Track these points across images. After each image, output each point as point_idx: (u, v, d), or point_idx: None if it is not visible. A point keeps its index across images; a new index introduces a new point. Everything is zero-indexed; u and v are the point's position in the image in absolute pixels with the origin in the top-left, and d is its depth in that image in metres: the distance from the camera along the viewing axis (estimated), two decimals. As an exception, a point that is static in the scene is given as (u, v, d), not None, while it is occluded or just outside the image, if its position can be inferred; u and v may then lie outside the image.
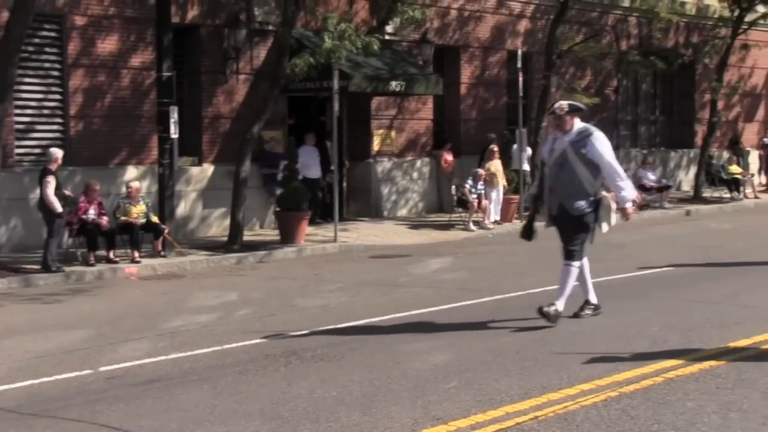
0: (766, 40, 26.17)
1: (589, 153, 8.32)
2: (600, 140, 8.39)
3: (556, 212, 8.58)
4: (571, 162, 8.39)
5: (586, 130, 8.48)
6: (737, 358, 7.04)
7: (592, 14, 22.99)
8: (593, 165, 8.35)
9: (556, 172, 8.51)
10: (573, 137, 8.44)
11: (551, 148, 8.65)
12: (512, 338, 8.03)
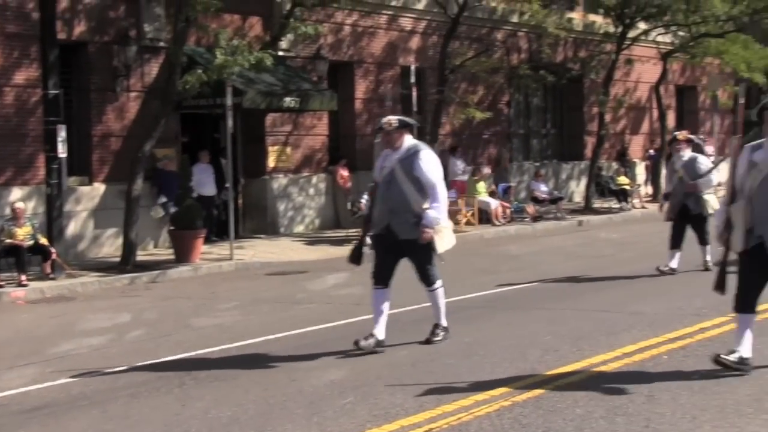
0: (648, 55, 27.13)
1: (416, 171, 7.94)
2: (427, 158, 8.02)
3: (385, 234, 8.11)
4: (399, 180, 7.98)
5: (414, 147, 8.10)
6: (624, 364, 7.25)
7: (482, 30, 23.43)
8: (421, 184, 7.98)
9: (385, 191, 8.08)
10: (402, 154, 8.04)
11: (381, 165, 8.23)
12: (408, 351, 8.08)
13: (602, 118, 24.38)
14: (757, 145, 6.78)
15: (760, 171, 6.61)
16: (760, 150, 6.72)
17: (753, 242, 6.65)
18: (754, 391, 6.34)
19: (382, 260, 8.19)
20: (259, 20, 18.78)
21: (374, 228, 8.21)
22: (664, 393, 6.37)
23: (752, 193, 6.64)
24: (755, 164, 6.67)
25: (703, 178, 11.88)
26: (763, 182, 6.59)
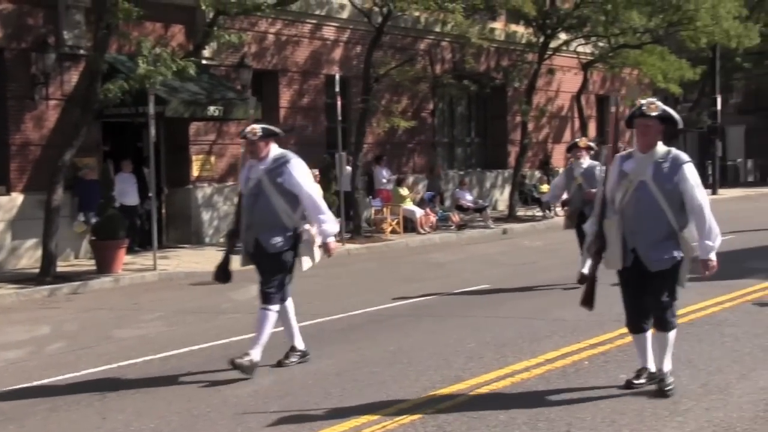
0: (569, 65, 27.64)
1: (285, 182, 7.48)
2: (298, 168, 7.58)
3: (253, 249, 7.69)
4: (267, 192, 7.52)
5: (283, 156, 7.66)
6: (547, 370, 7.36)
7: (406, 40, 23.59)
8: (291, 195, 7.52)
9: (252, 204, 7.61)
10: (269, 165, 7.58)
11: (247, 177, 7.74)
12: (333, 360, 8.07)
13: (525, 126, 24.74)
14: (627, 154, 6.58)
15: (630, 182, 6.38)
16: (630, 160, 6.49)
17: (629, 258, 6.43)
18: (671, 396, 6.49)
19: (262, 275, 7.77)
20: (181, 28, 18.59)
21: (245, 246, 7.75)
22: (585, 398, 6.49)
23: (623, 206, 6.41)
24: (625, 175, 6.43)
25: None
26: (634, 194, 6.35)
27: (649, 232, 6.31)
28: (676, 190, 6.26)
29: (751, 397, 6.39)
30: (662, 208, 6.28)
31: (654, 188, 6.29)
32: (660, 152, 6.37)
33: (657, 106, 6.30)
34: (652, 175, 6.30)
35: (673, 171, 6.30)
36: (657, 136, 6.37)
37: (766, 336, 8.31)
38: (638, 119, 6.34)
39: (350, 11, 21.36)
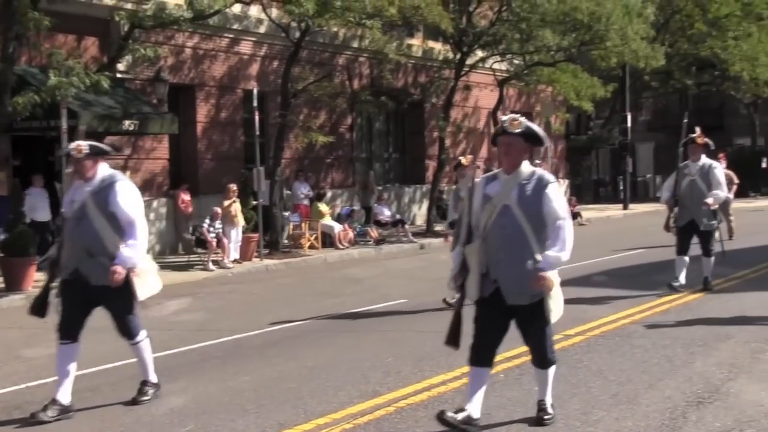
0: (486, 81, 28.06)
1: (111, 205, 6.84)
2: (125, 191, 6.92)
3: (74, 277, 6.95)
4: (91, 216, 6.85)
5: (110, 178, 6.97)
6: (464, 384, 7.41)
7: (324, 55, 23.66)
8: (117, 220, 6.88)
9: (74, 228, 6.92)
10: (95, 186, 6.91)
11: (71, 199, 7.03)
12: (249, 377, 8.01)
13: (442, 142, 24.99)
14: (492, 176, 6.03)
15: (493, 206, 5.83)
16: (495, 182, 5.94)
17: (489, 288, 5.87)
18: (581, 406, 6.63)
19: (70, 310, 7.01)
20: (95, 41, 18.29)
21: (62, 272, 7.03)
22: (500, 411, 6.57)
23: (486, 232, 5.83)
24: (489, 198, 5.87)
25: None
26: (498, 219, 5.80)
27: (512, 262, 5.77)
28: (540, 215, 5.77)
29: (657, 406, 6.55)
30: (527, 235, 5.77)
31: (518, 213, 5.77)
32: (525, 173, 5.85)
33: (520, 123, 5.78)
34: (517, 199, 5.78)
35: (538, 193, 5.78)
36: (522, 155, 5.85)
37: (673, 347, 8.54)
38: (501, 137, 5.84)
39: (268, 26, 21.31)
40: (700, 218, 11.69)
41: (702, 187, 11.62)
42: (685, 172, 11.81)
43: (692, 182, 11.70)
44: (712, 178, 11.65)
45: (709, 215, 11.72)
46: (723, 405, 6.53)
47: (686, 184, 11.76)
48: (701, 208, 11.58)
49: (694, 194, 11.65)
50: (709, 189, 11.60)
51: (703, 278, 12.00)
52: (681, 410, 6.42)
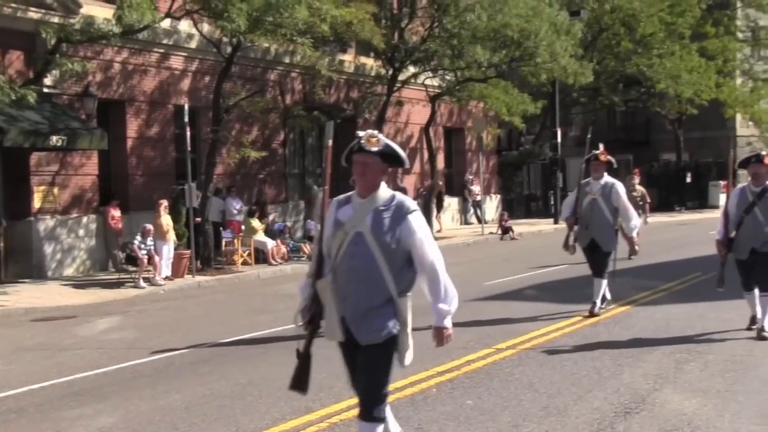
0: (418, 97, 28.27)
1: None
2: None
3: None
4: None
5: None
6: (395, 399, 7.45)
7: (256, 70, 23.58)
8: None
9: None
10: None
11: None
12: (181, 395, 7.92)
13: (375, 157, 25.03)
14: (345, 199, 5.29)
15: (345, 233, 5.11)
16: (348, 206, 5.23)
17: (344, 328, 5.16)
18: (512, 418, 6.71)
19: None
20: (20, 55, 17.94)
21: None
22: (432, 425, 6.61)
23: (336, 263, 5.14)
24: (341, 224, 5.16)
25: None
26: (348, 248, 5.07)
27: (361, 297, 5.05)
28: (399, 246, 5.04)
29: (586, 417, 6.67)
30: (380, 267, 5.04)
31: (372, 242, 5.04)
32: (382, 197, 5.13)
33: (378, 140, 5.10)
34: (371, 226, 5.05)
35: (396, 222, 5.07)
36: (379, 176, 5.15)
37: (602, 359, 8.70)
38: (356, 155, 5.13)
39: (199, 41, 21.17)
40: (602, 239, 11.26)
41: (603, 207, 11.20)
42: (587, 191, 11.40)
43: (593, 201, 11.27)
44: (616, 200, 11.23)
45: (612, 236, 11.33)
46: (649, 415, 6.68)
47: (587, 202, 11.33)
48: (603, 228, 11.20)
49: (594, 214, 11.22)
50: (610, 209, 11.19)
51: (592, 302, 11.31)
52: (609, 421, 6.54)
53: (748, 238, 9.50)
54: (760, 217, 9.45)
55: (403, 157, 5.20)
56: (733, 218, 9.63)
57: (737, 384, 7.60)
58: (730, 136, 49.17)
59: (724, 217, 9.73)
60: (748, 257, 9.52)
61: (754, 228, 9.47)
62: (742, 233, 9.55)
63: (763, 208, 9.44)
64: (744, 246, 9.54)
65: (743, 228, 9.53)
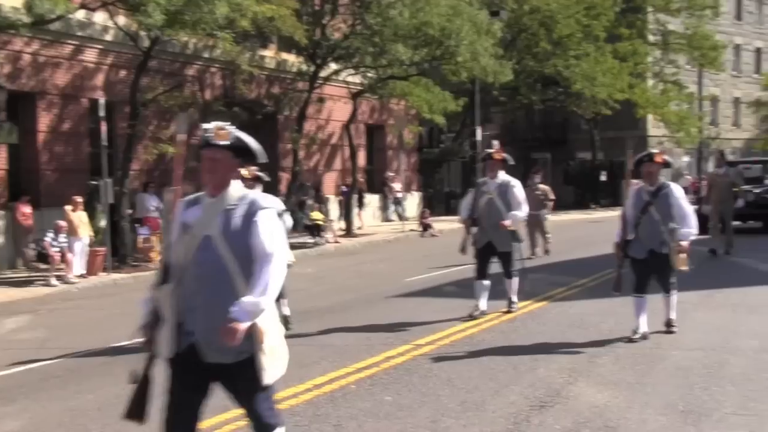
0: (340, 94, 28.22)
1: None
2: None
3: None
4: None
5: None
6: (315, 396, 7.42)
7: (174, 65, 23.23)
8: None
9: None
10: None
11: None
12: (94, 396, 7.74)
13: (296, 154, 24.96)
14: (193, 199, 4.74)
15: (193, 237, 4.56)
16: (196, 207, 4.69)
17: (184, 343, 4.54)
18: (431, 414, 6.74)
19: None
20: (-73, 45, 17.35)
21: None
22: (351, 421, 6.60)
23: (183, 270, 4.56)
24: (188, 227, 4.61)
25: None
26: (197, 254, 4.51)
27: (211, 309, 4.46)
28: (249, 249, 4.49)
29: (503, 411, 6.74)
30: (231, 275, 4.49)
31: (222, 247, 4.50)
32: (233, 196, 4.62)
33: (228, 133, 4.62)
34: (221, 229, 4.53)
35: (247, 222, 4.54)
36: (230, 173, 4.64)
37: (518, 354, 8.81)
38: (204, 150, 4.62)
39: (115, 34, 20.74)
40: (499, 239, 10.99)
41: (500, 207, 10.93)
42: (483, 190, 11.09)
43: (490, 201, 10.99)
44: (512, 198, 10.98)
45: (508, 236, 11.00)
46: (563, 408, 6.78)
47: (484, 202, 11.03)
48: (502, 230, 10.93)
49: (491, 214, 10.94)
50: (508, 208, 10.95)
51: (507, 299, 11.39)
52: (525, 414, 6.62)
53: (646, 238, 9.37)
54: (656, 217, 9.32)
55: (256, 151, 4.69)
56: (630, 219, 9.48)
57: (646, 376, 7.79)
58: (642, 136, 50.42)
59: (621, 219, 9.57)
60: (646, 258, 9.40)
61: (651, 228, 9.34)
62: (640, 234, 9.40)
63: (659, 207, 9.34)
64: (642, 247, 9.41)
65: (641, 229, 9.40)
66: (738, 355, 8.53)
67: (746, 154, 55.89)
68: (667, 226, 9.30)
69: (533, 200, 18.89)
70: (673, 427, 6.25)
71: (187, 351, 4.53)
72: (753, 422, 6.31)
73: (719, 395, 7.05)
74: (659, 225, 9.31)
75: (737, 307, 11.48)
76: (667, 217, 9.30)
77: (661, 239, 9.33)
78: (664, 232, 9.30)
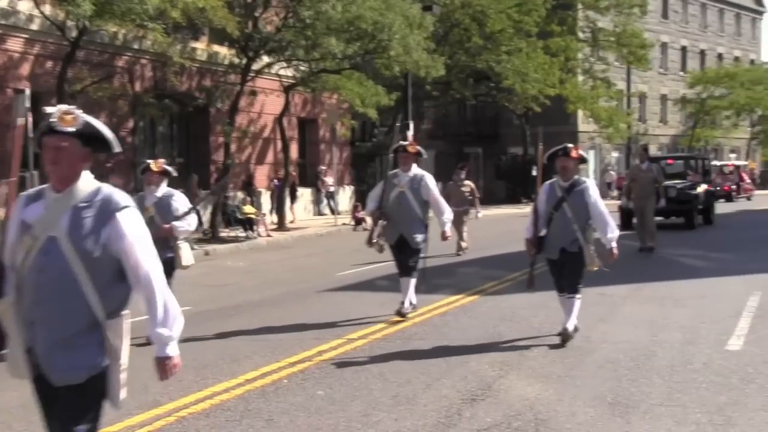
0: (272, 87, 28.04)
1: None
2: None
3: None
4: None
5: None
6: (246, 391, 7.38)
7: (104, 56, 22.83)
8: None
9: None
10: None
11: None
12: (18, 393, 7.43)
13: (228, 147, 24.74)
14: (36, 193, 4.07)
15: (34, 238, 3.93)
16: (38, 203, 4.03)
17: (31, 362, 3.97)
18: (363, 408, 6.76)
19: None
20: None
21: None
22: (283, 416, 6.58)
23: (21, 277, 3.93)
24: (28, 227, 3.96)
25: (181, 221, 9.41)
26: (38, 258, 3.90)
27: (54, 323, 3.90)
28: (104, 253, 3.93)
29: (435, 405, 6.79)
30: (80, 282, 3.90)
31: (68, 250, 3.89)
32: (83, 192, 4.00)
33: (76, 118, 4.02)
34: (68, 229, 3.92)
35: (101, 222, 3.96)
36: (79, 164, 4.03)
37: (450, 347, 8.90)
38: (47, 138, 3.98)
39: (41, 23, 20.29)
40: (411, 234, 10.42)
41: (411, 200, 10.42)
42: (394, 183, 10.59)
43: (401, 194, 10.46)
44: (426, 193, 10.50)
45: (420, 232, 10.45)
46: (494, 401, 6.87)
47: (395, 195, 10.50)
48: (412, 223, 10.40)
49: (402, 207, 10.43)
50: (419, 202, 10.44)
51: (400, 302, 10.60)
52: (456, 408, 6.68)
53: (558, 236, 8.91)
54: (569, 214, 8.85)
55: (108, 138, 4.10)
56: (542, 215, 9.03)
57: (575, 369, 7.93)
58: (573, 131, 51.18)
59: (533, 213, 9.12)
60: (559, 257, 8.96)
61: (563, 226, 8.87)
62: (552, 231, 8.96)
63: (573, 204, 8.86)
64: (554, 245, 8.96)
65: (553, 226, 8.95)
66: (665, 348, 8.73)
67: (672, 150, 57.20)
68: (579, 224, 8.86)
69: (458, 197, 18.84)
70: (601, 419, 6.38)
71: (39, 374, 3.98)
72: (678, 413, 6.47)
73: (646, 387, 7.21)
74: (571, 223, 8.86)
75: (664, 301, 11.74)
76: (579, 215, 8.87)
77: (573, 237, 8.87)
78: (577, 230, 8.86)
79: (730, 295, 12.14)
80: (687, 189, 24.14)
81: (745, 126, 65.19)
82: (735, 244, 19.72)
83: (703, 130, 59.35)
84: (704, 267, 15.73)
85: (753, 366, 7.89)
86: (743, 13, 70.53)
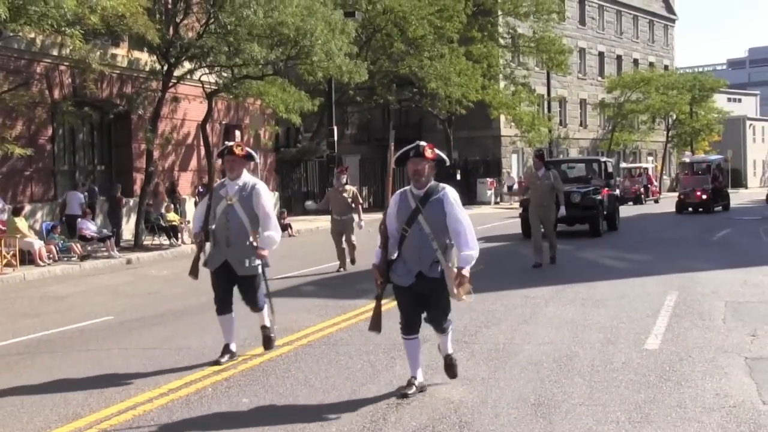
0: (194, 93, 27.76)
1: None
2: None
3: None
4: None
5: None
6: (170, 400, 7.30)
7: (20, 62, 22.32)
8: None
9: None
10: None
11: None
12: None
13: (150, 154, 24.40)
14: None
15: None
16: None
17: None
18: (288, 415, 6.75)
19: None
20: None
21: None
22: (210, 423, 6.54)
23: None
24: None
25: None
26: None
27: None
28: None
29: (361, 410, 6.81)
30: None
31: None
32: None
33: None
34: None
35: None
36: None
37: (375, 353, 8.92)
38: None
39: (-46, 28, 19.76)
40: (236, 259, 8.60)
41: (241, 215, 8.57)
42: (221, 194, 8.67)
43: (229, 208, 8.58)
44: (258, 207, 8.59)
45: (249, 255, 8.59)
46: (419, 405, 6.92)
47: (221, 210, 8.61)
48: (240, 244, 8.57)
49: (231, 224, 8.57)
50: (250, 217, 8.58)
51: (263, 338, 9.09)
52: (382, 413, 6.72)
53: (413, 258, 6.97)
54: (426, 229, 6.92)
55: None
56: (393, 232, 7.06)
57: (499, 371, 8.04)
58: (496, 135, 51.86)
59: (381, 234, 7.11)
60: (414, 284, 7.00)
61: (420, 244, 6.94)
62: (405, 252, 7.00)
63: (430, 216, 6.92)
64: (407, 269, 7.00)
65: (406, 245, 6.99)
66: (586, 348, 8.91)
67: (592, 153, 58.38)
68: (440, 242, 6.95)
69: (340, 203, 16.92)
70: (524, 420, 6.48)
71: None
72: (598, 412, 6.62)
73: (568, 387, 7.35)
74: (429, 240, 6.93)
75: (585, 302, 11.98)
76: (439, 230, 6.94)
77: (432, 258, 6.94)
78: (437, 249, 6.93)
79: (648, 295, 12.46)
80: (591, 194, 23.10)
81: (661, 129, 66.95)
82: (648, 246, 20.20)
83: (622, 134, 60.77)
84: (624, 268, 16.10)
85: (669, 364, 8.11)
86: (656, 20, 72.48)
